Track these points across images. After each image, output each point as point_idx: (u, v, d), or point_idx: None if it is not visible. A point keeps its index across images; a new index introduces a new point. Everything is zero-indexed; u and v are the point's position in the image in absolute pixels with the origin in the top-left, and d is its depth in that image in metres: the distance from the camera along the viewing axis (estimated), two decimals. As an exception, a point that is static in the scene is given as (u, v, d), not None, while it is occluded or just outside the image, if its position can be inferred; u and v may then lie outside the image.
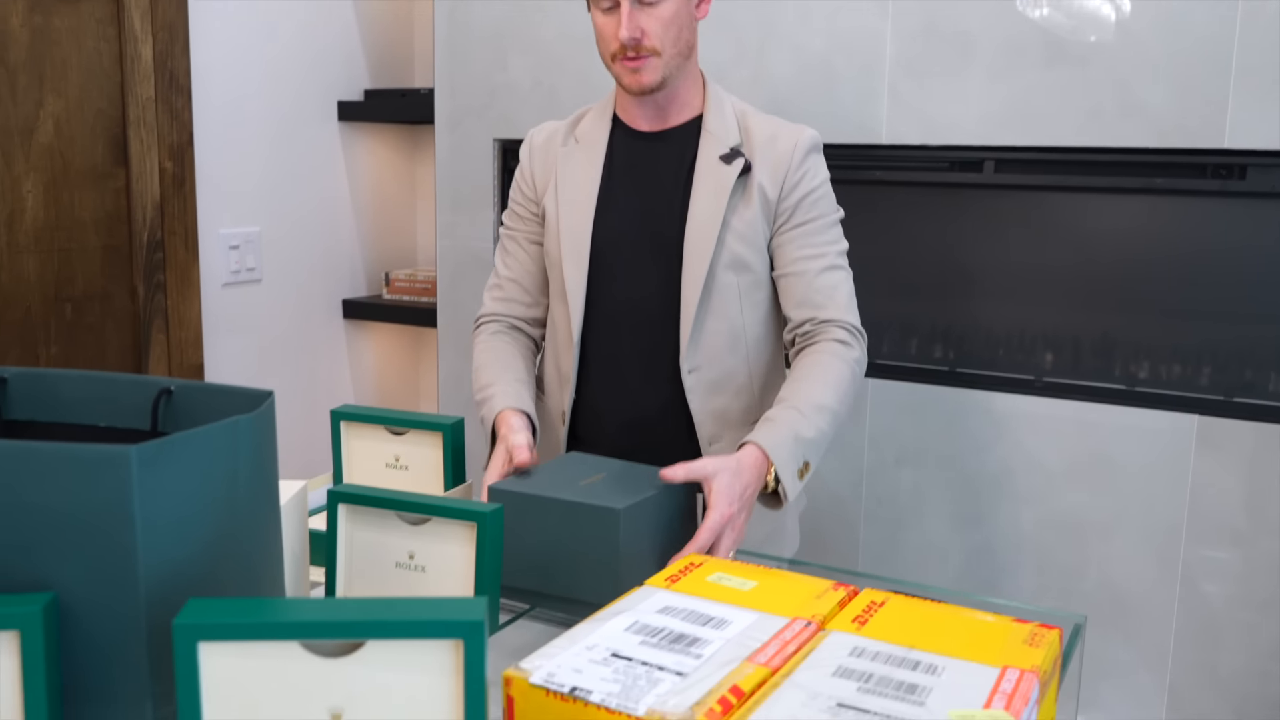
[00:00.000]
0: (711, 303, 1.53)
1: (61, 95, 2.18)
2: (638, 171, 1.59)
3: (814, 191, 1.56)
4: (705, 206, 1.53)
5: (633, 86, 1.51)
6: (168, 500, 0.74)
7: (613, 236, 1.57)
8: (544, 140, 1.66)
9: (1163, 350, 1.98)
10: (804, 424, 1.40)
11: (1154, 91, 1.88)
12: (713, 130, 1.56)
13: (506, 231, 1.70)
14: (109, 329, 2.31)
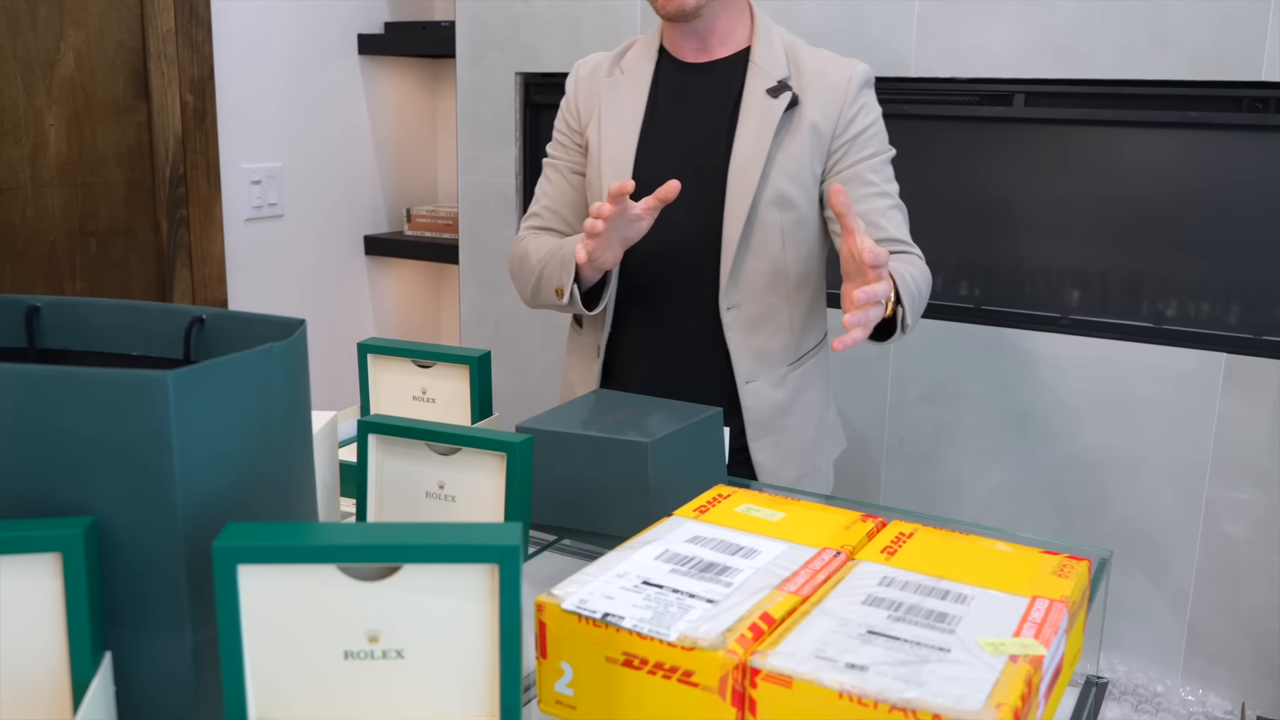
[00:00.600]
0: (753, 240, 1.51)
1: (82, 27, 2.16)
2: (682, 103, 1.56)
3: (870, 127, 1.53)
4: (750, 141, 1.49)
5: (669, 12, 1.48)
6: (204, 426, 0.75)
7: (654, 169, 1.53)
8: (590, 71, 1.63)
9: (1191, 288, 1.96)
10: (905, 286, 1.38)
11: (1190, 22, 1.84)
12: (760, 62, 1.52)
13: (549, 161, 1.68)
14: (133, 263, 2.32)
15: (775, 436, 1.59)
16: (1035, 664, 0.73)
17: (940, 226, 2.15)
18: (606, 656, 0.78)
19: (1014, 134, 2.05)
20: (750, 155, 1.49)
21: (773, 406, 1.58)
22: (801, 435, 1.62)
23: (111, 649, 0.74)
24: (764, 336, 1.55)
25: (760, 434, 1.58)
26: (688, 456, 1.27)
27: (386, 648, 0.70)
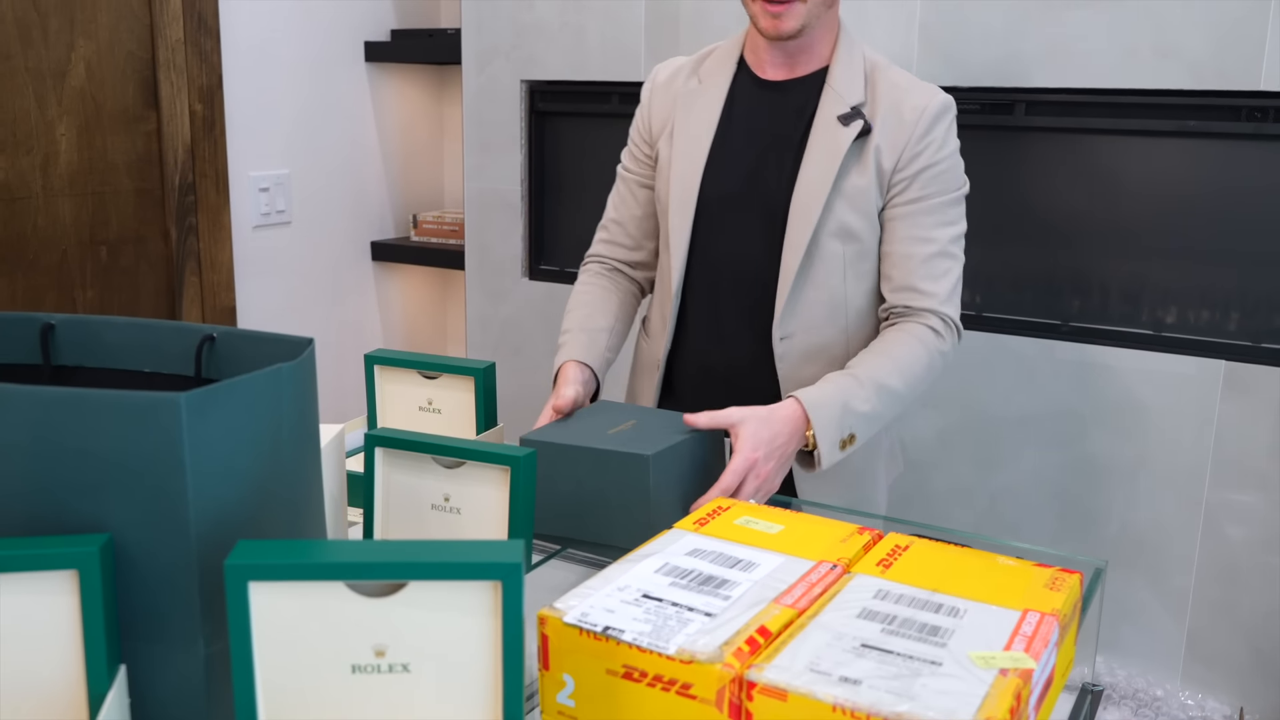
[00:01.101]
0: (813, 270, 1.47)
1: (92, 38, 2.19)
2: (755, 122, 1.52)
3: (936, 165, 1.46)
4: (816, 168, 1.45)
5: (769, 30, 1.43)
6: (216, 445, 0.77)
7: (721, 190, 1.51)
8: (667, 78, 1.60)
9: (1191, 295, 1.98)
10: (860, 396, 1.37)
11: (1190, 32, 1.86)
12: (836, 86, 1.47)
13: (621, 171, 1.66)
14: (143, 271, 2.35)
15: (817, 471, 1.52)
16: (1025, 677, 0.75)
17: (942, 234, 2.16)
18: (607, 669, 0.80)
19: (1016, 142, 2.06)
20: (815, 184, 1.45)
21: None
22: (849, 466, 1.54)
23: (126, 662, 0.77)
24: (818, 368, 1.50)
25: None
26: (689, 468, 1.29)
27: (393, 662, 0.72)
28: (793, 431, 1.33)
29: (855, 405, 1.37)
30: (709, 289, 1.55)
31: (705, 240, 1.54)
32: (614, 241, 1.68)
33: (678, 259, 1.54)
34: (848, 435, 1.37)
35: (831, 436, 1.35)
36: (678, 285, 1.56)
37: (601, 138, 2.51)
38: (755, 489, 1.30)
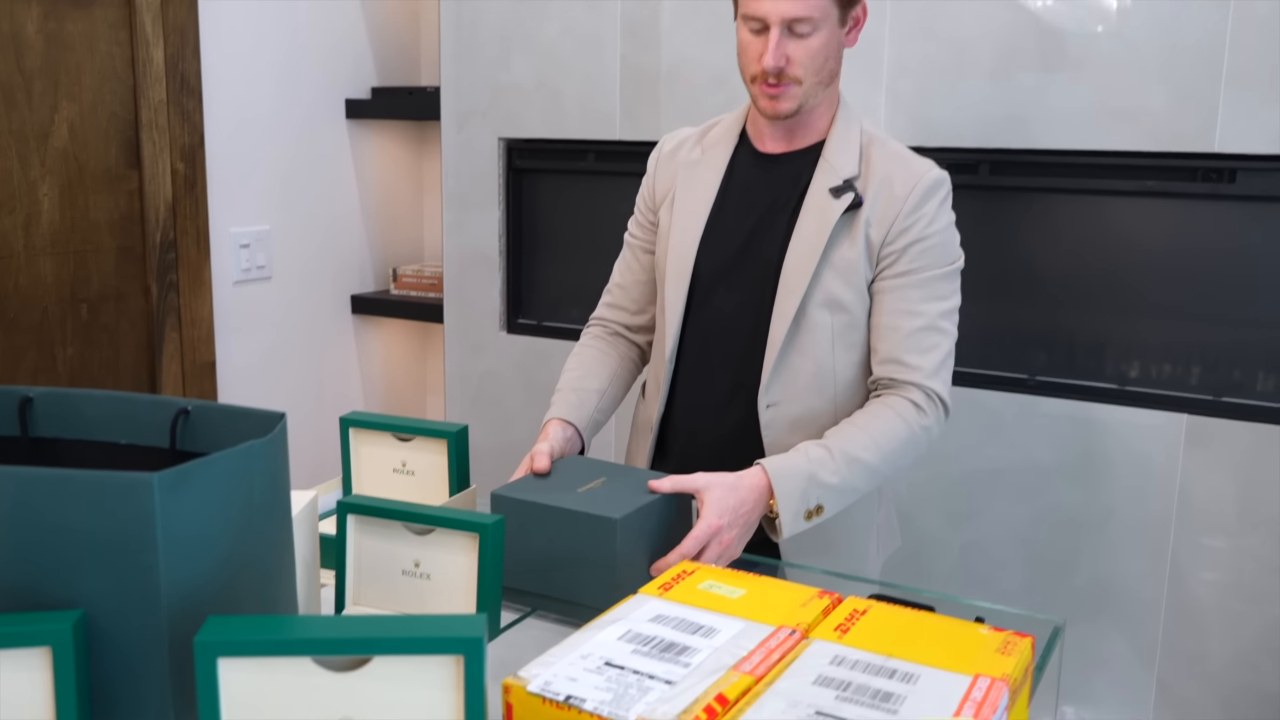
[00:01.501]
0: (800, 339, 1.49)
1: (75, 100, 2.22)
2: (751, 194, 1.55)
3: (925, 239, 1.47)
4: (806, 239, 1.48)
5: (767, 111, 1.48)
6: (188, 522, 0.79)
7: (716, 259, 1.54)
8: (672, 148, 1.64)
9: (1153, 350, 2.02)
10: (829, 468, 1.38)
11: (1147, 96, 1.91)
12: (831, 158, 1.50)
13: (628, 237, 1.71)
14: (123, 328, 2.37)
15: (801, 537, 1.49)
16: (971, 744, 0.78)
17: (911, 289, 2.21)
18: (569, 738, 0.82)
19: (981, 201, 2.12)
20: (804, 254, 1.47)
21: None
22: (835, 537, 1.56)
23: (98, 736, 0.79)
24: (803, 437, 1.49)
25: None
26: (656, 529, 1.31)
27: (358, 735, 0.75)
28: (757, 500, 1.36)
29: (823, 476, 1.38)
30: (701, 355, 1.58)
31: (699, 308, 1.57)
32: (617, 305, 1.72)
33: (672, 325, 1.57)
34: (814, 506, 1.39)
35: (794, 507, 1.37)
36: (672, 350, 1.59)
37: (578, 195, 2.56)
38: (717, 555, 1.32)
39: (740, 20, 1.47)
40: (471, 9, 2.54)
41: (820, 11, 1.42)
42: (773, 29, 1.41)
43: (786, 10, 1.40)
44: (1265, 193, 1.88)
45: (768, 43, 1.42)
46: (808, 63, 1.44)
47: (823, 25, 1.43)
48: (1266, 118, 1.83)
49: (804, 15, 1.40)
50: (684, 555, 1.29)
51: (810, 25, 1.42)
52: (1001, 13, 2.00)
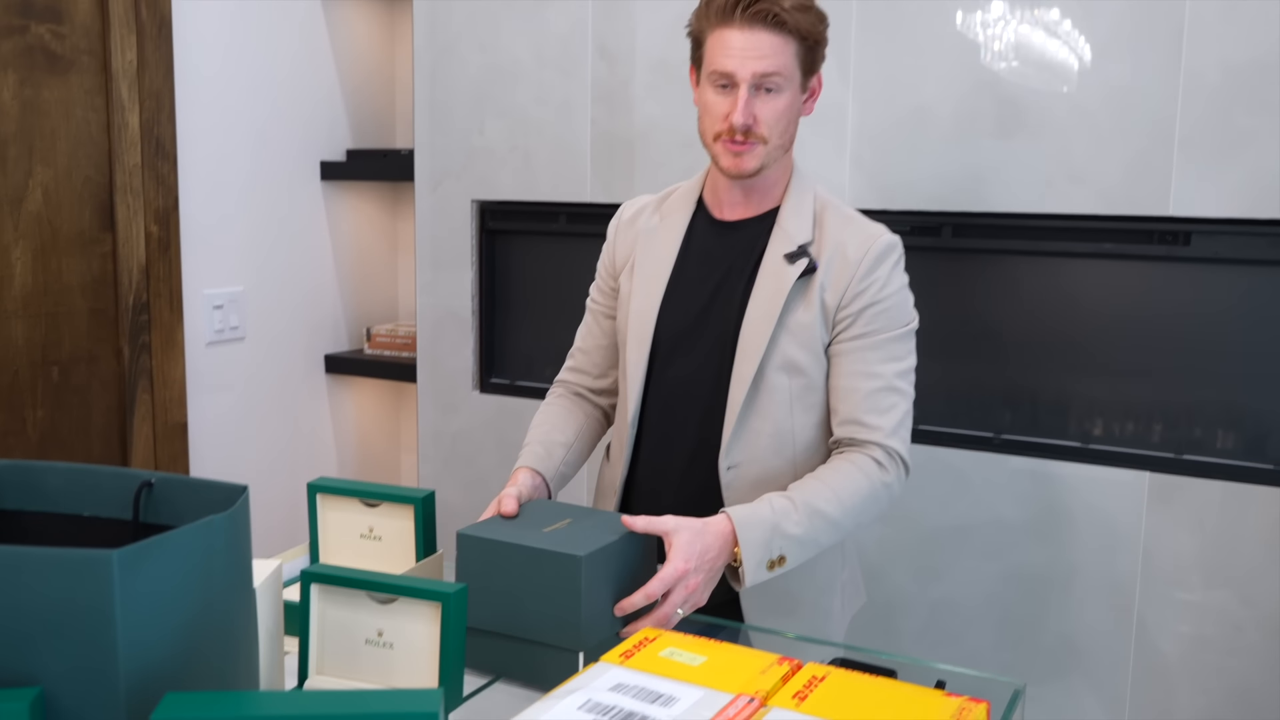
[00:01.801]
0: (759, 402, 1.52)
1: (50, 165, 2.24)
2: (709, 260, 1.59)
3: (880, 302, 1.51)
4: (762, 304, 1.51)
5: (731, 169, 1.50)
6: (147, 599, 0.80)
7: (676, 324, 1.58)
8: (631, 216, 1.68)
9: (1115, 408, 2.05)
10: (792, 519, 1.40)
11: (1102, 160, 1.96)
12: (785, 225, 1.54)
13: (589, 303, 1.74)
14: (94, 390, 2.37)
15: (766, 597, 1.54)
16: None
17: (878, 349, 2.24)
18: (525, 811, 0.83)
19: (943, 262, 2.16)
20: (761, 319, 1.51)
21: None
22: (800, 596, 1.58)
23: (53, 816, 0.78)
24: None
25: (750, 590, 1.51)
26: (621, 568, 1.32)
27: (313, 812, 0.75)
28: (722, 547, 1.37)
29: (787, 527, 1.40)
30: (662, 418, 1.60)
31: (660, 372, 1.59)
32: (580, 369, 1.75)
33: (634, 389, 1.60)
34: (777, 556, 1.40)
35: (758, 556, 1.38)
36: (634, 414, 1.61)
37: (549, 255, 2.59)
38: (683, 599, 1.33)
39: (705, 79, 1.50)
40: (446, 73, 2.58)
41: (787, 70, 1.46)
42: (741, 86, 1.45)
43: (756, 66, 1.44)
44: (1219, 255, 1.93)
45: (735, 100, 1.45)
46: (774, 122, 1.47)
47: (788, 86, 1.47)
48: (1218, 182, 1.88)
49: (773, 70, 1.44)
50: (649, 596, 1.30)
51: (777, 84, 1.46)
52: (960, 80, 2.05)
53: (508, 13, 2.49)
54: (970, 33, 2.04)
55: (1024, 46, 2.00)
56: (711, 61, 1.47)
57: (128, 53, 2.33)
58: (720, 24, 1.46)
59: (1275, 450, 1.94)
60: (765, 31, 1.43)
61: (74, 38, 2.26)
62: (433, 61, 2.60)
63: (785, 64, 1.45)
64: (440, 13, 2.57)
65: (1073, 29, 1.97)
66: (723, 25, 1.45)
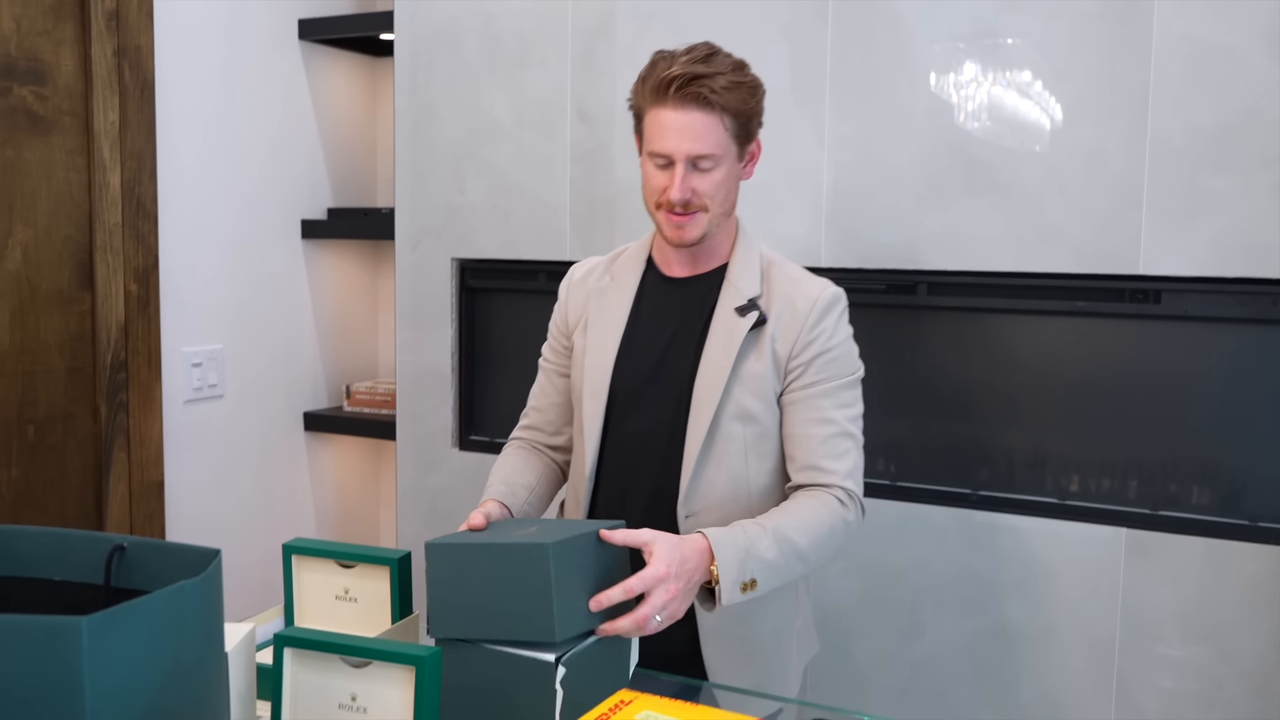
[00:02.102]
0: (714, 451, 1.56)
1: (30, 224, 2.25)
2: (662, 315, 1.64)
3: (829, 351, 1.57)
4: (715, 356, 1.56)
5: (674, 239, 1.57)
6: (116, 667, 0.80)
7: (631, 378, 1.62)
8: (581, 276, 1.73)
9: (1091, 465, 2.07)
10: (765, 544, 1.43)
11: (1073, 220, 2.00)
12: (734, 280, 1.60)
13: (542, 362, 1.78)
14: (70, 449, 2.35)
15: (726, 645, 1.58)
16: None
17: (856, 406, 2.25)
18: None
19: (919, 320, 2.18)
20: (714, 370, 1.55)
21: (724, 616, 1.52)
22: (758, 644, 1.61)
23: None
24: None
25: (712, 639, 1.57)
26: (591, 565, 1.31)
27: None
28: (699, 561, 1.39)
29: (759, 552, 1.43)
30: (620, 471, 1.63)
31: (617, 426, 1.63)
32: (535, 427, 1.78)
33: (591, 444, 1.63)
34: (749, 579, 1.42)
35: (733, 575, 1.40)
36: (591, 468, 1.64)
37: (529, 313, 2.60)
38: (663, 603, 1.32)
39: (645, 156, 1.56)
40: (427, 133, 2.61)
41: (721, 149, 1.52)
42: (678, 164, 1.51)
43: (691, 148, 1.50)
44: (1190, 313, 1.96)
45: (672, 177, 1.52)
46: (713, 193, 1.53)
47: (724, 161, 1.53)
48: (1186, 242, 1.92)
49: (707, 153, 1.50)
50: (628, 591, 1.31)
51: (712, 161, 1.52)
52: (933, 140, 2.09)
53: (488, 75, 2.52)
54: (943, 94, 2.08)
55: (996, 107, 2.04)
56: (650, 140, 1.53)
57: (110, 114, 2.35)
58: (655, 103, 1.51)
59: (1251, 506, 1.95)
60: (698, 111, 1.49)
61: (56, 99, 2.28)
62: (414, 121, 2.63)
63: (719, 142, 1.51)
64: (421, 74, 2.60)
65: (1043, 90, 2.01)
66: (657, 105, 1.51)
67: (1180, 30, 1.90)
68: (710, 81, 1.48)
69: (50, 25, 2.26)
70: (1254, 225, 1.87)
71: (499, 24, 2.50)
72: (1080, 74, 1.97)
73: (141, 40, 2.41)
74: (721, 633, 1.58)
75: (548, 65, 2.46)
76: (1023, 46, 2.01)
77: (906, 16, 2.09)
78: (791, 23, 2.19)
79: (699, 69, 1.48)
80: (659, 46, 2.29)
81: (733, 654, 1.58)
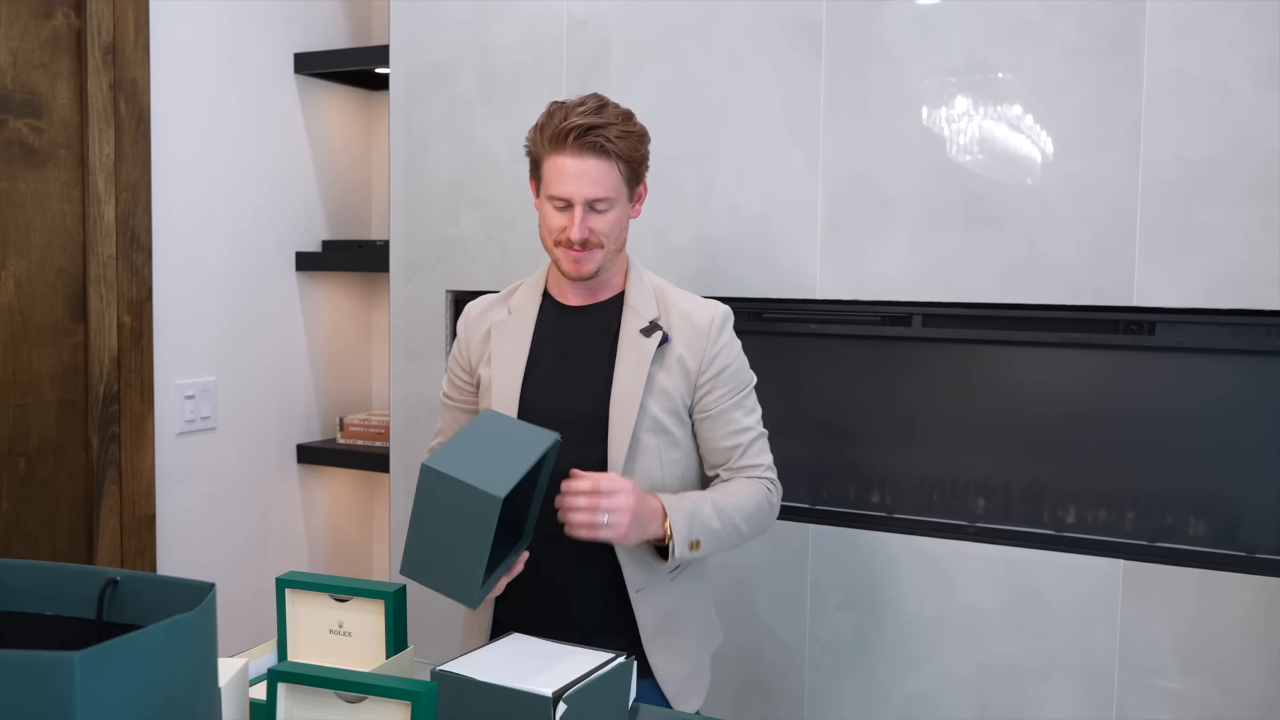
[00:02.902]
0: (636, 463, 1.68)
1: (24, 256, 2.24)
2: (565, 341, 1.75)
3: (731, 364, 1.74)
4: (628, 376, 1.69)
5: (572, 274, 1.69)
6: (109, 702, 0.78)
7: (541, 402, 1.71)
8: (479, 313, 1.83)
9: (1088, 496, 2.06)
10: (708, 513, 1.64)
11: (1066, 252, 2.00)
12: (634, 305, 1.74)
13: (445, 399, 1.88)
14: (61, 482, 2.34)
15: (667, 639, 1.73)
16: None
17: (850, 438, 2.25)
18: None
19: (914, 352, 2.18)
20: (629, 388, 1.68)
21: (663, 612, 1.72)
22: (689, 635, 1.77)
23: None
24: (646, 548, 1.68)
25: (654, 637, 1.72)
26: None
27: None
28: (655, 510, 1.59)
29: (704, 519, 1.63)
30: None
31: None
32: None
33: None
34: (695, 539, 1.62)
35: (683, 533, 1.60)
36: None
37: (524, 345, 2.59)
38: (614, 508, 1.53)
39: (543, 197, 1.68)
40: (421, 166, 2.62)
41: (615, 192, 1.66)
42: (576, 207, 1.64)
43: (588, 193, 1.63)
44: (1183, 344, 1.96)
45: (571, 218, 1.64)
46: (607, 231, 1.67)
47: (617, 203, 1.67)
48: (1179, 273, 1.92)
49: (603, 195, 1.64)
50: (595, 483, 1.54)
51: (607, 204, 1.65)
52: (926, 172, 2.10)
53: (483, 108, 2.53)
54: (935, 127, 2.09)
55: (988, 140, 2.05)
56: (549, 185, 1.66)
57: (105, 146, 2.35)
58: (554, 151, 1.64)
59: (1247, 537, 1.95)
60: (594, 158, 1.62)
61: (52, 132, 2.28)
62: (408, 154, 2.63)
63: (613, 186, 1.65)
64: (416, 107, 2.61)
65: (1034, 124, 2.02)
66: (556, 152, 1.64)
67: (1170, 64, 1.91)
68: (605, 131, 1.61)
69: (47, 58, 2.27)
70: (1247, 257, 1.88)
71: (494, 58, 2.51)
72: (1072, 108, 1.99)
73: (138, 73, 2.41)
74: (661, 629, 1.72)
75: (542, 99, 2.46)
76: (1014, 81, 2.03)
77: (899, 51, 2.11)
78: (786, 56, 2.21)
79: (593, 120, 1.62)
80: (654, 81, 2.32)
81: (671, 650, 1.73)
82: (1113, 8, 1.95)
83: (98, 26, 2.33)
